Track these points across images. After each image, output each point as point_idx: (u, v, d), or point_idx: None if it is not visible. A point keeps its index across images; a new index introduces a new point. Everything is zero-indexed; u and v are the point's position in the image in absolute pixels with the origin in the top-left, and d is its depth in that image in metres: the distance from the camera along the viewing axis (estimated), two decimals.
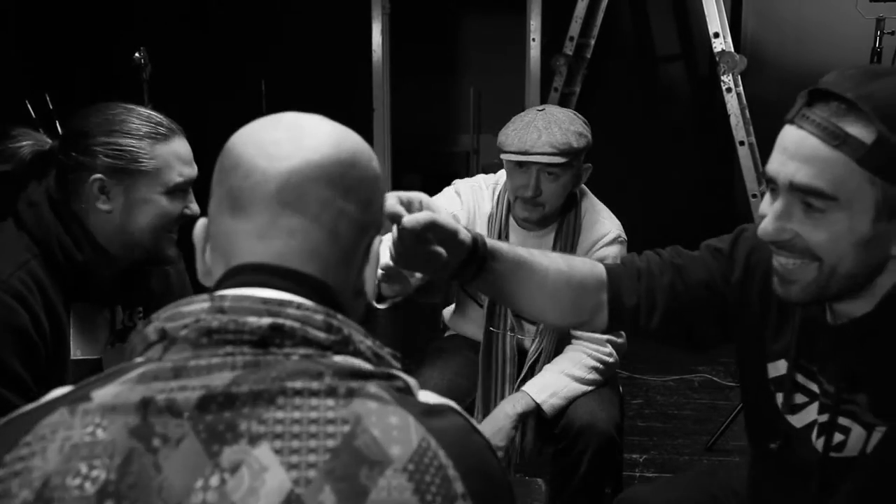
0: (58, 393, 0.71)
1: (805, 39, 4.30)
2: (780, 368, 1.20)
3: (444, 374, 2.01)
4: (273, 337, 0.70)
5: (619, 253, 1.93)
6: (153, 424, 0.65)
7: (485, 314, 2.02)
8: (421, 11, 5.67)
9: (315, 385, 0.67)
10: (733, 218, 4.69)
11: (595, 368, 1.94)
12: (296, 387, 0.66)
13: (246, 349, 0.69)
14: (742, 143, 3.71)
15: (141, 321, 1.50)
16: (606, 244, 1.93)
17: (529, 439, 1.93)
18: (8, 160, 1.42)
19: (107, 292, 1.47)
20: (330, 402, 0.66)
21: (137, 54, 3.19)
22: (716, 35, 3.72)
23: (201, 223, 0.83)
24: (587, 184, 2.04)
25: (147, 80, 3.23)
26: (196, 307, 0.72)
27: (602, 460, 1.87)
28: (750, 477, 1.34)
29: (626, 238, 1.97)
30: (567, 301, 1.27)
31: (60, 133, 1.46)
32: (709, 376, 3.49)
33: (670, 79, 4.64)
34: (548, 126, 1.85)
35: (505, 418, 1.88)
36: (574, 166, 1.90)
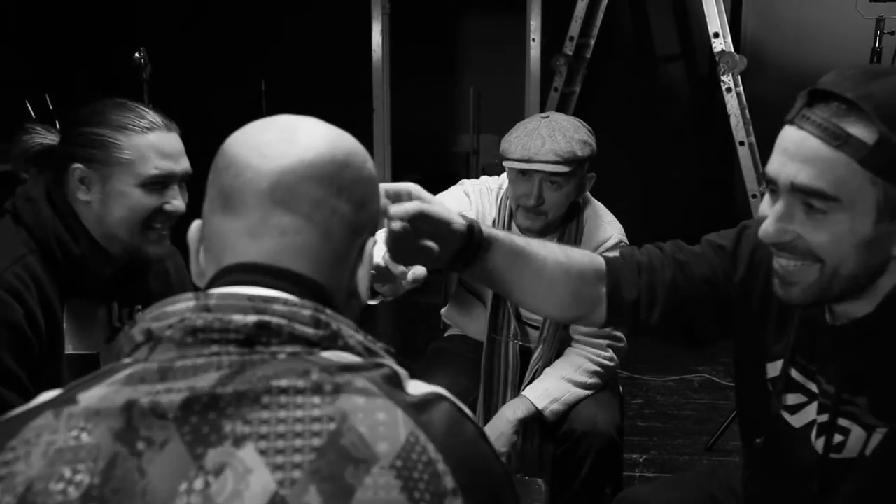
0: (47, 396, 0.70)
1: (805, 39, 4.30)
2: (780, 368, 1.19)
3: (445, 375, 2.00)
4: (259, 335, 0.69)
5: None
6: (137, 427, 0.64)
7: (487, 320, 2.00)
8: (421, 11, 5.67)
9: (301, 383, 0.66)
10: (733, 218, 4.67)
11: (596, 373, 1.93)
12: (281, 385, 0.66)
13: (232, 348, 0.68)
14: (742, 143, 3.71)
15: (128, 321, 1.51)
16: (608, 249, 1.90)
17: (535, 445, 1.92)
18: (18, 159, 1.43)
19: (103, 288, 1.46)
20: (316, 400, 0.65)
21: (137, 54, 3.19)
22: (716, 35, 3.72)
23: (196, 224, 0.82)
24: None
25: (147, 80, 3.24)
26: (181, 306, 0.71)
27: (603, 462, 1.87)
28: (745, 477, 1.34)
29: (628, 242, 1.95)
30: (566, 293, 1.25)
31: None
32: (709, 376, 3.48)
33: (670, 79, 4.64)
34: (552, 134, 1.82)
35: (506, 424, 1.87)
36: (577, 175, 1.86)
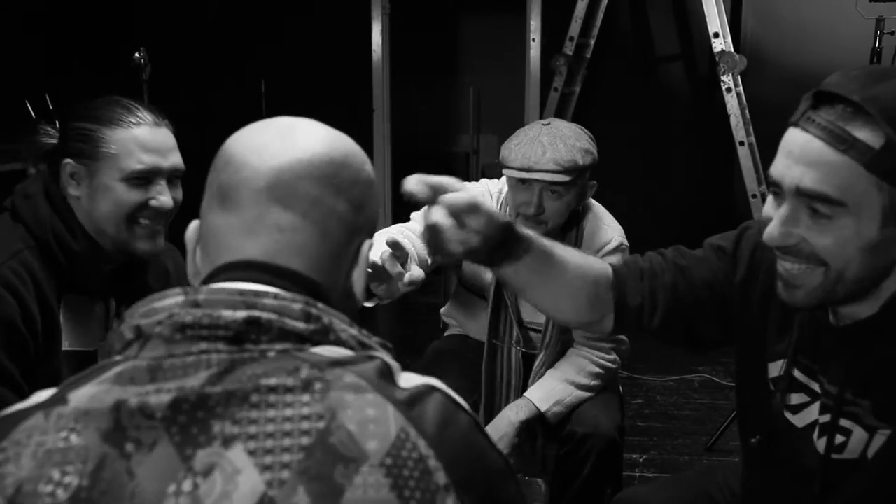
0: (41, 396, 0.70)
1: (805, 39, 4.30)
2: (782, 367, 1.19)
3: (445, 376, 1.99)
4: (248, 332, 0.68)
5: (621, 261, 1.89)
6: (126, 428, 0.64)
7: (487, 326, 1.98)
8: (421, 11, 5.67)
9: (290, 381, 0.65)
10: (733, 218, 4.68)
11: (598, 375, 1.92)
12: (270, 384, 0.65)
13: (221, 346, 0.68)
14: (742, 143, 3.71)
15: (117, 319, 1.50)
16: (608, 253, 1.89)
17: (538, 445, 1.91)
18: (28, 157, 1.44)
19: (100, 284, 1.46)
20: (305, 398, 0.65)
21: (137, 54, 3.19)
22: (716, 35, 3.72)
23: (194, 224, 0.82)
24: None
25: (147, 81, 3.23)
26: (169, 301, 0.70)
27: (604, 463, 1.86)
28: (744, 477, 1.33)
29: (628, 244, 1.93)
30: (583, 297, 1.25)
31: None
32: (709, 376, 3.48)
33: (670, 79, 4.64)
34: (553, 142, 1.78)
35: (508, 425, 1.86)
36: (578, 184, 1.83)
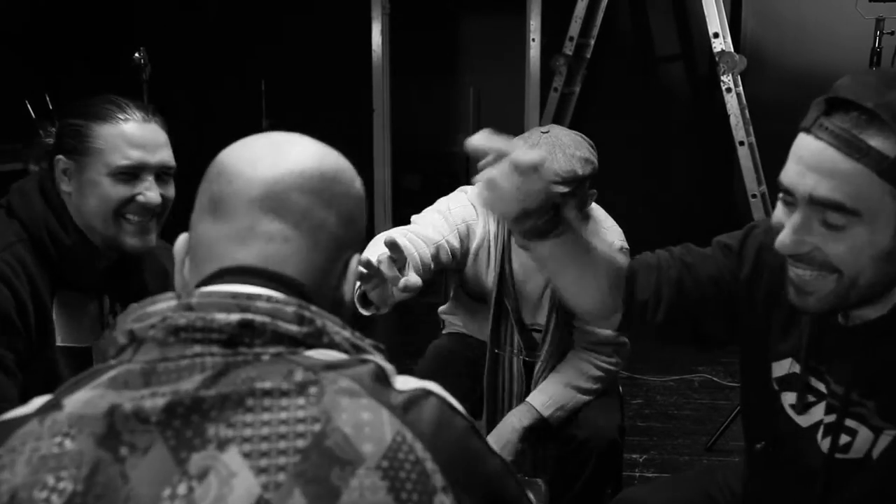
0: (36, 403, 0.70)
1: (805, 39, 4.30)
2: (787, 367, 1.18)
3: (445, 377, 1.99)
4: (242, 335, 0.68)
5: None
6: (120, 433, 0.64)
7: (489, 336, 1.96)
8: (421, 11, 5.67)
9: (285, 385, 0.65)
10: (733, 218, 4.69)
11: (599, 378, 1.91)
12: (265, 387, 0.65)
13: (215, 349, 0.68)
14: (742, 143, 3.71)
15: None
16: None
17: (541, 448, 1.90)
18: (31, 157, 1.44)
19: (94, 281, 1.46)
20: (300, 401, 0.65)
21: (137, 54, 3.19)
22: (715, 35, 3.72)
23: (183, 237, 0.82)
24: None
25: (147, 81, 3.24)
26: (162, 306, 0.70)
27: (604, 464, 1.86)
28: (746, 477, 1.33)
29: (628, 247, 1.92)
30: (606, 287, 1.24)
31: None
32: (709, 376, 3.48)
33: (670, 79, 4.64)
34: (552, 151, 1.73)
35: (512, 432, 1.86)
36: (578, 194, 1.79)
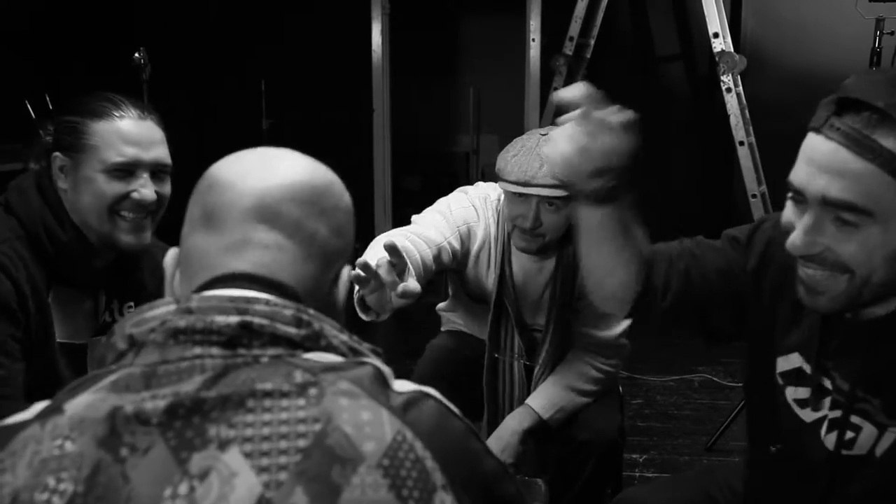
0: (37, 408, 0.70)
1: (805, 39, 4.30)
2: (793, 362, 1.18)
3: (445, 377, 1.98)
4: (241, 337, 0.69)
5: None
6: (121, 434, 0.64)
7: (488, 339, 1.95)
8: (421, 12, 5.67)
9: (285, 386, 0.66)
10: (733, 218, 4.68)
11: (599, 380, 1.90)
12: (266, 388, 0.66)
13: (214, 350, 0.68)
14: (742, 143, 3.71)
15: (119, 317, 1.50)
16: None
17: (542, 450, 1.89)
18: (32, 156, 1.44)
19: (90, 278, 1.46)
20: (300, 402, 0.65)
21: (137, 54, 3.19)
22: (715, 35, 3.72)
23: (173, 251, 0.83)
24: None
25: (147, 81, 3.24)
26: (161, 310, 0.71)
27: (604, 465, 1.86)
28: (747, 476, 1.33)
29: None
30: (634, 271, 1.23)
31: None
32: (709, 376, 3.48)
33: (670, 79, 4.64)
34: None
35: (512, 435, 1.85)
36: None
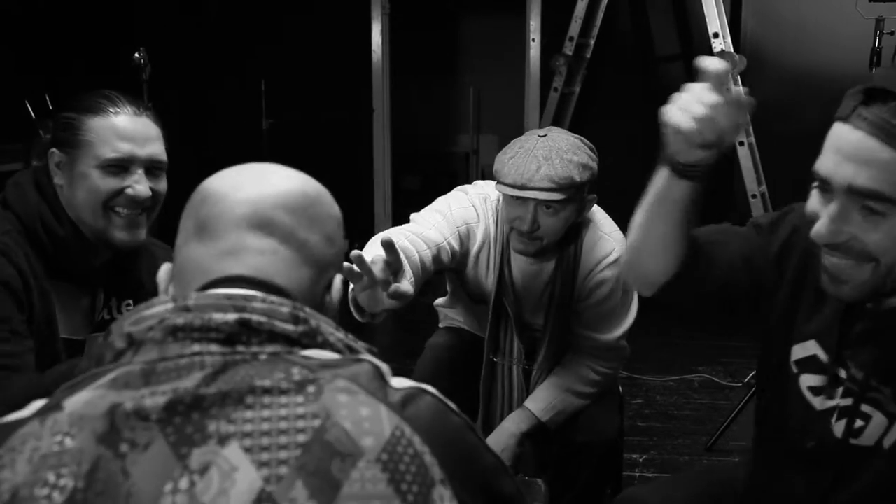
0: (36, 405, 0.70)
1: (805, 39, 4.30)
2: (809, 349, 1.19)
3: (443, 378, 1.97)
4: (240, 334, 0.70)
5: (621, 272, 1.81)
6: (121, 430, 0.64)
7: (486, 341, 1.95)
8: (421, 12, 5.67)
9: (284, 384, 0.67)
10: (733, 218, 4.67)
11: (598, 383, 1.89)
12: (265, 385, 0.66)
13: (213, 347, 0.69)
14: (742, 143, 3.71)
15: (118, 315, 1.50)
16: (608, 265, 1.82)
17: (541, 451, 1.89)
18: (34, 155, 1.45)
19: (87, 275, 1.47)
20: (299, 399, 0.66)
21: (137, 54, 3.20)
22: (715, 35, 3.72)
23: (166, 266, 0.84)
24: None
25: (147, 81, 3.24)
26: (159, 309, 0.71)
27: (604, 466, 1.86)
28: (753, 468, 1.33)
29: None
30: (680, 253, 1.21)
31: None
32: (709, 376, 3.48)
33: (670, 79, 4.64)
34: (548, 157, 1.67)
35: (510, 437, 1.85)
36: (576, 200, 1.73)
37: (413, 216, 1.80)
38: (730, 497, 1.40)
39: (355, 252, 1.30)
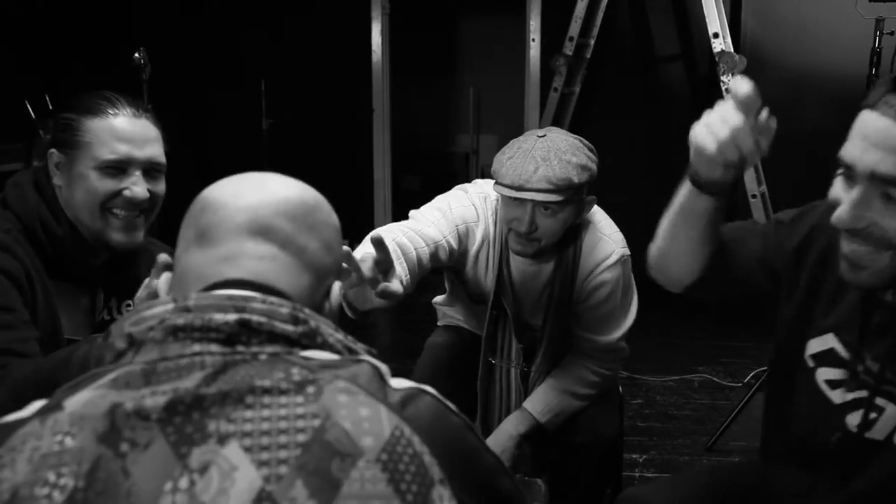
0: (36, 405, 0.71)
1: (805, 39, 4.30)
2: (827, 342, 1.20)
3: (442, 378, 1.96)
4: (240, 334, 0.70)
5: (621, 274, 1.83)
6: (121, 429, 0.64)
7: (483, 343, 1.94)
8: (421, 12, 5.67)
9: (284, 384, 0.67)
10: (733, 218, 4.68)
11: (596, 384, 1.89)
12: (265, 385, 0.67)
13: (213, 347, 0.69)
14: None
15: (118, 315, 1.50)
16: (608, 267, 1.81)
17: (541, 452, 1.90)
18: (36, 155, 1.45)
19: (87, 275, 1.47)
20: (299, 399, 0.66)
21: (137, 55, 3.20)
22: (715, 35, 3.72)
23: (165, 275, 0.84)
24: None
25: (147, 81, 3.24)
26: (159, 309, 0.72)
27: (604, 466, 1.86)
28: (761, 463, 1.33)
29: (630, 253, 1.85)
30: (707, 257, 1.23)
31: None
32: (709, 376, 3.48)
33: (670, 79, 4.64)
34: (546, 157, 1.66)
35: (509, 439, 1.85)
36: (574, 201, 1.71)
37: (412, 213, 1.79)
38: (732, 497, 1.40)
39: (344, 248, 1.30)
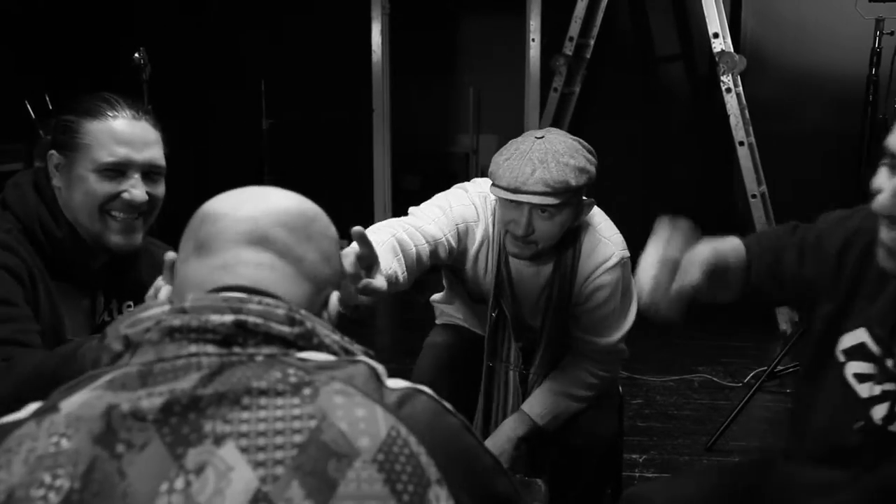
0: (32, 407, 0.71)
1: (805, 39, 4.30)
2: (859, 337, 1.22)
3: (442, 379, 1.96)
4: (237, 335, 0.70)
5: (621, 276, 1.82)
6: (117, 430, 0.64)
7: (486, 346, 1.93)
8: (421, 12, 5.67)
9: (280, 385, 0.67)
10: (733, 218, 4.69)
11: (595, 386, 1.88)
12: (261, 387, 0.67)
13: (210, 348, 0.69)
14: (742, 144, 3.71)
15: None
16: (607, 270, 1.79)
17: (540, 453, 1.90)
18: (36, 156, 1.45)
19: (86, 277, 1.47)
20: (295, 401, 0.66)
21: (137, 55, 3.20)
22: (715, 35, 3.73)
23: (165, 288, 0.85)
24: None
25: (147, 81, 3.24)
26: (156, 311, 0.72)
27: (603, 467, 1.86)
28: (784, 457, 1.34)
29: (629, 255, 1.81)
30: (736, 289, 1.32)
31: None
32: (709, 376, 3.48)
33: (670, 79, 4.64)
34: (544, 160, 1.63)
35: (507, 441, 1.84)
36: (572, 204, 1.69)
37: (412, 210, 1.78)
38: (735, 496, 1.40)
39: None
